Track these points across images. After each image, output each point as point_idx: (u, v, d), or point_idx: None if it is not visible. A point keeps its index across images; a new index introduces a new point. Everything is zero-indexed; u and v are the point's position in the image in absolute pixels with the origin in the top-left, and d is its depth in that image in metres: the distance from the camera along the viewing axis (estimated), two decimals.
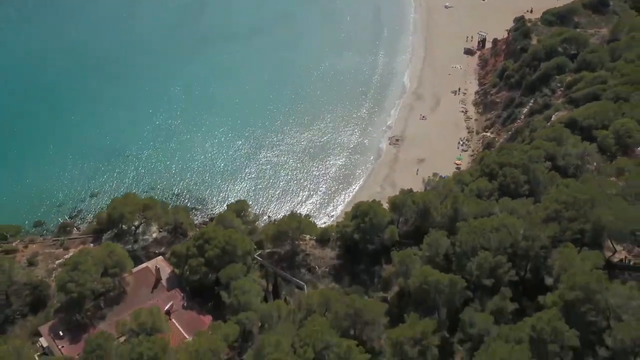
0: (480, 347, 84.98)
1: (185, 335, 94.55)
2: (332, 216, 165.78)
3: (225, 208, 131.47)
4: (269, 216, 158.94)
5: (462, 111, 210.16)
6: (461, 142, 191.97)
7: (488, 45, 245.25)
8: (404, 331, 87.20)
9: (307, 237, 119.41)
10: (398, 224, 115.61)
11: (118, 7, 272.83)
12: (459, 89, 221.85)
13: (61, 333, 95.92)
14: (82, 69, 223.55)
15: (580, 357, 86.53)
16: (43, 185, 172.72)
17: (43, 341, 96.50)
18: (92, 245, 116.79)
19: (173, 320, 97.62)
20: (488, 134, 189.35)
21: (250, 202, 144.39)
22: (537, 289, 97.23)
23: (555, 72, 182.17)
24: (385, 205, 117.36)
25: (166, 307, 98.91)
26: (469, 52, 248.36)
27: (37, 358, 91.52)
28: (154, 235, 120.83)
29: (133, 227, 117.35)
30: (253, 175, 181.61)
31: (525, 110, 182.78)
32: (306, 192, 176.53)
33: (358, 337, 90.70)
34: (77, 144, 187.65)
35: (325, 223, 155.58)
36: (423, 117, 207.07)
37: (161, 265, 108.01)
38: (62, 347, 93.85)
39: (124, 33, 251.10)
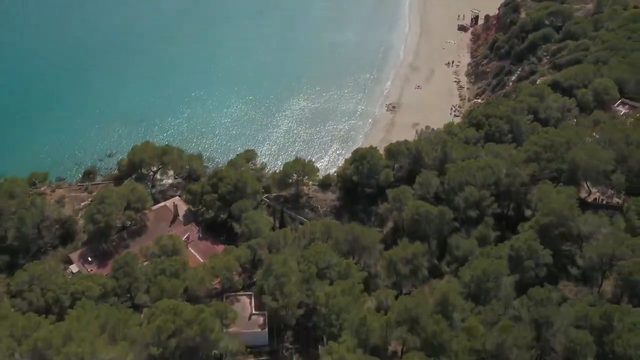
0: (465, 265, 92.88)
1: (201, 260, 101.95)
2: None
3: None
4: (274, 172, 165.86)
5: (455, 81, 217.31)
6: (453, 109, 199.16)
7: (481, 22, 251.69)
8: (397, 252, 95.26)
9: (310, 182, 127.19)
10: (393, 170, 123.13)
11: None
12: (452, 62, 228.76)
13: (90, 259, 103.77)
14: (102, 44, 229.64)
15: (554, 275, 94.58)
16: (64, 145, 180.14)
17: (73, 267, 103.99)
18: None
19: (190, 248, 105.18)
20: (479, 100, 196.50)
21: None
22: (518, 224, 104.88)
23: (542, 42, 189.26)
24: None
25: (183, 238, 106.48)
26: (462, 28, 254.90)
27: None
28: (170, 180, 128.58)
29: (151, 172, 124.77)
30: (260, 139, 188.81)
31: (513, 77, 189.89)
32: (308, 153, 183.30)
33: (357, 263, 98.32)
34: (96, 110, 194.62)
35: None
36: (418, 86, 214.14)
37: (178, 204, 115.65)
38: (91, 270, 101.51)
39: (142, 12, 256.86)
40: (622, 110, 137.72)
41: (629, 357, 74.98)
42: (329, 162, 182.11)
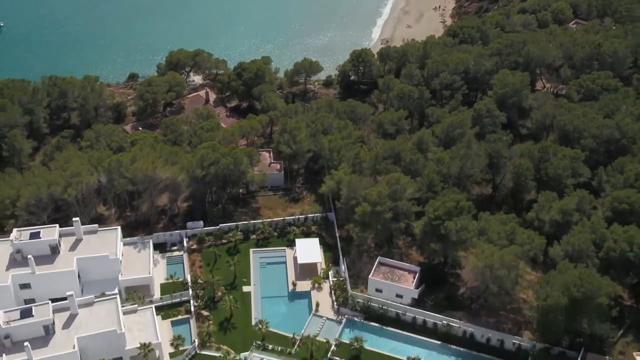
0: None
1: None
2: None
3: None
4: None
5: (441, 22, 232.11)
6: None
7: None
8: (385, 115, 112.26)
9: (315, 82, 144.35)
10: (384, 70, 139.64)
11: None
12: (439, 6, 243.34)
13: (140, 128, 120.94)
14: None
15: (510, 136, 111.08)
16: (103, 70, 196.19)
17: None
18: None
19: (220, 122, 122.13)
20: None
21: None
22: None
23: None
24: None
25: None
26: None
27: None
28: (200, 81, 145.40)
29: (185, 72, 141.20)
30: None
31: (489, 14, 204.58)
32: None
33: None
34: (127, 42, 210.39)
35: None
36: (409, 26, 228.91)
37: (209, 92, 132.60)
38: None
39: None
40: (575, 27, 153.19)
41: (559, 176, 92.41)
42: None
